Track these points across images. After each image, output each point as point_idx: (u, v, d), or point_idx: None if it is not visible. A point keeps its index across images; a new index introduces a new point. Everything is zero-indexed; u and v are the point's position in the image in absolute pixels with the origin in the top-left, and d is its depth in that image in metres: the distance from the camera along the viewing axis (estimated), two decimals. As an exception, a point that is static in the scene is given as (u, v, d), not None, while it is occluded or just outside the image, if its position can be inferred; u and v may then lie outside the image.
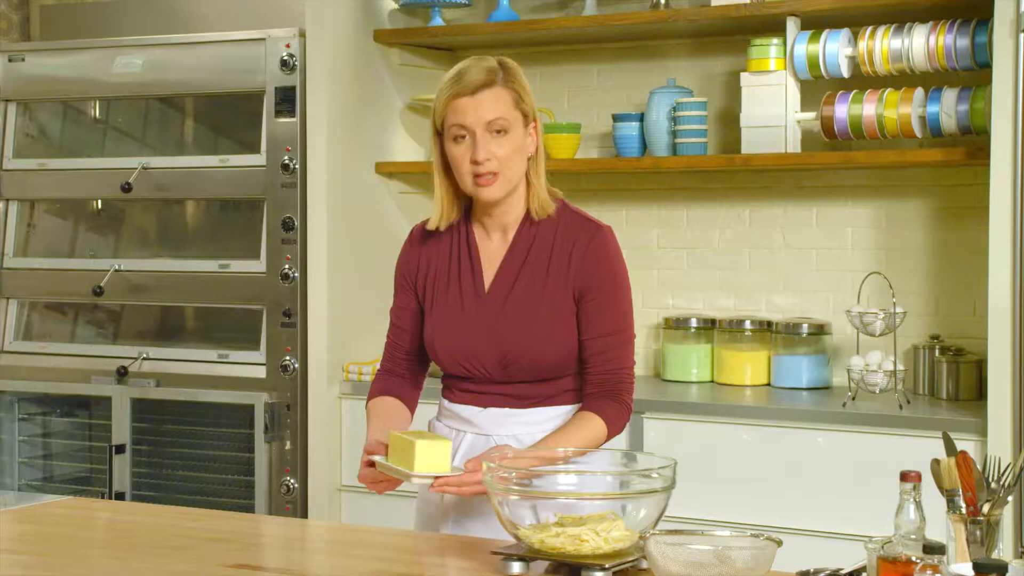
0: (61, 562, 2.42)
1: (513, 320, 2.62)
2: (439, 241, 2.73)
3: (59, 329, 4.86)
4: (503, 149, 2.57)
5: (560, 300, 2.62)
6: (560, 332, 2.62)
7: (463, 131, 2.57)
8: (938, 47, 3.72)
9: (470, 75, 2.57)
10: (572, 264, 2.62)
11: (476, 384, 2.67)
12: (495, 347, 2.63)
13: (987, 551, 2.04)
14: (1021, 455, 2.17)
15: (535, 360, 2.61)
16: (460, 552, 2.42)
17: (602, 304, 2.62)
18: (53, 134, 4.93)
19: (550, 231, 2.66)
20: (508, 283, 2.65)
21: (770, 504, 3.66)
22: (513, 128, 2.58)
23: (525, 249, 2.66)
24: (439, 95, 2.60)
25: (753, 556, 2.14)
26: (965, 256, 3.99)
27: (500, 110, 2.56)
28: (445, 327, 2.67)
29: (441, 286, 2.69)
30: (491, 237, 2.69)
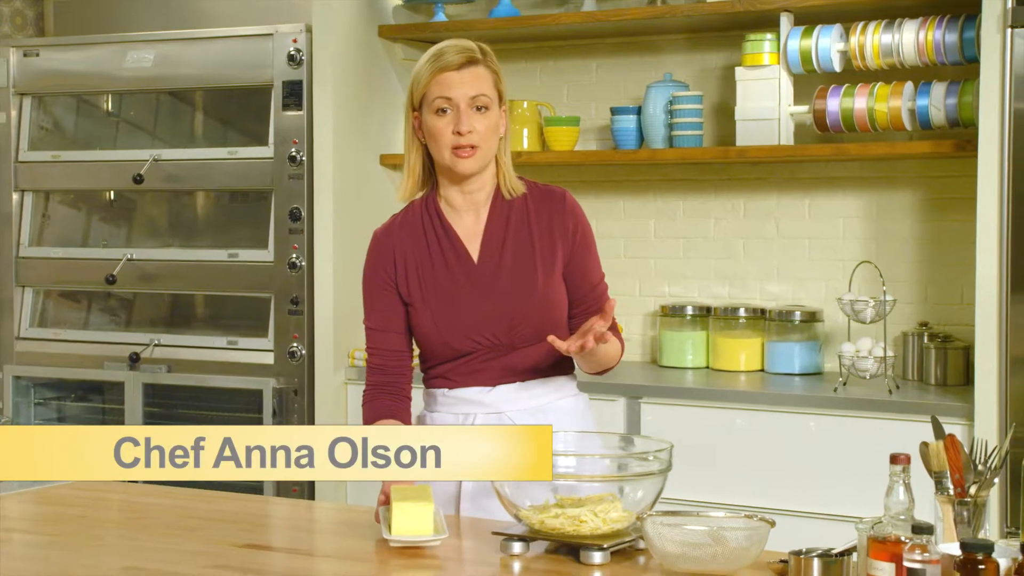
0: (75, 542, 2.42)
1: (512, 284, 2.63)
2: (409, 234, 2.70)
3: (73, 316, 4.87)
4: (483, 124, 2.59)
5: (550, 261, 2.64)
6: (555, 292, 2.64)
7: (447, 104, 2.58)
8: (927, 42, 3.72)
9: (454, 52, 2.60)
10: (555, 231, 2.65)
11: (480, 361, 2.65)
12: (500, 311, 2.62)
13: (974, 531, 2.04)
14: (1007, 438, 2.18)
15: (540, 318, 2.61)
16: (462, 533, 2.42)
17: (587, 259, 2.69)
18: (67, 127, 4.92)
19: (522, 203, 2.68)
20: (496, 252, 2.65)
21: (764, 486, 3.66)
22: (492, 106, 2.61)
23: (503, 220, 2.66)
24: (420, 71, 2.62)
25: (747, 536, 2.14)
26: (953, 245, 3.99)
27: (483, 87, 2.59)
28: (445, 304, 2.65)
29: (427, 271, 2.67)
30: (464, 217, 2.68)
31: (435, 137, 2.61)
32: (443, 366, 2.70)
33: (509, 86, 4.61)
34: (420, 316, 2.67)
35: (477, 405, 2.67)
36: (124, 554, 2.35)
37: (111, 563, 2.28)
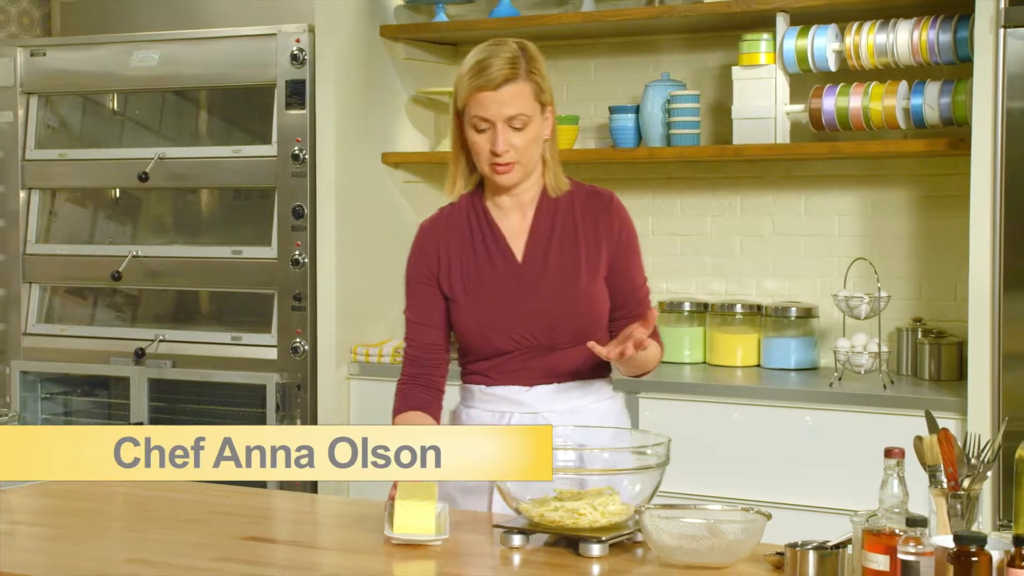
0: (80, 535, 2.42)
1: (555, 284, 2.60)
2: (454, 229, 2.67)
3: (79, 312, 4.87)
4: (522, 140, 2.54)
5: (594, 263, 2.62)
6: (598, 293, 2.62)
7: (484, 123, 2.54)
8: (921, 42, 3.71)
9: (493, 69, 2.52)
10: (601, 233, 2.63)
11: (519, 360, 2.61)
12: (541, 311, 2.59)
13: (967, 524, 2.04)
14: (999, 432, 2.17)
15: (582, 320, 2.59)
16: (463, 525, 2.42)
17: (631, 262, 2.67)
18: (73, 126, 4.92)
19: (568, 203, 2.65)
20: (541, 251, 2.62)
21: (760, 480, 3.66)
22: (532, 121, 2.55)
23: (550, 220, 2.63)
24: (461, 81, 2.55)
25: (744, 529, 2.14)
26: (947, 242, 3.98)
27: (521, 105, 2.53)
28: (486, 302, 2.61)
29: (470, 267, 2.63)
30: (510, 216, 2.65)
31: (474, 151, 2.58)
32: (482, 363, 2.66)
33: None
34: (461, 312, 2.64)
35: (514, 404, 2.63)
36: (129, 546, 2.35)
37: (116, 555, 2.28)
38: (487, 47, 2.56)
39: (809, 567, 2.05)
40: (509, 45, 2.56)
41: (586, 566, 2.17)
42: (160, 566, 2.20)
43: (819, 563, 2.05)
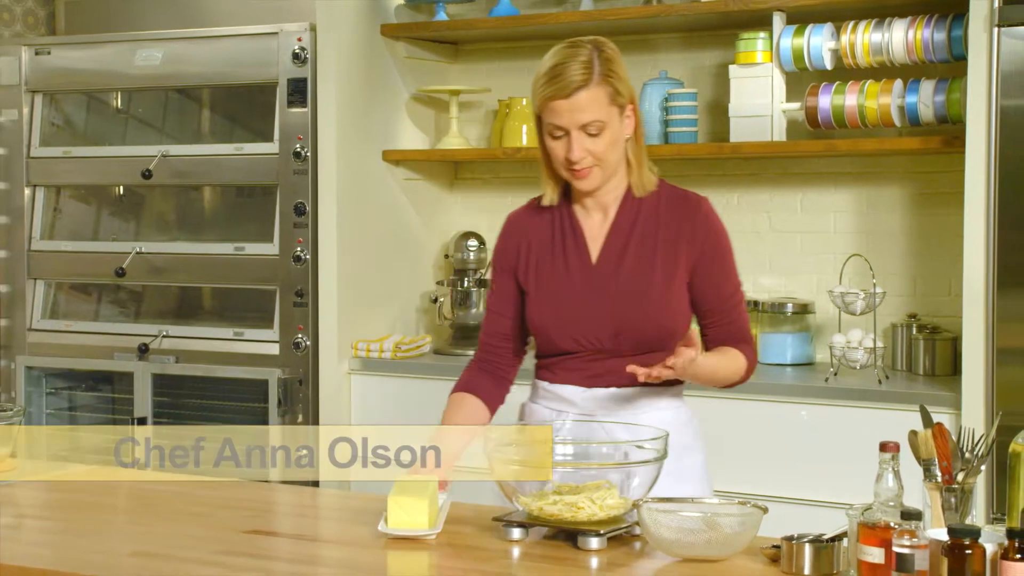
0: (85, 528, 2.43)
1: (624, 289, 2.52)
2: (538, 223, 2.62)
3: (84, 308, 4.86)
4: (599, 146, 2.47)
5: (671, 269, 2.53)
6: (672, 300, 2.53)
7: (559, 130, 2.47)
8: (916, 40, 3.71)
9: (566, 75, 2.44)
10: (683, 236, 2.54)
11: (582, 361, 2.55)
12: (608, 316, 2.52)
13: (961, 517, 2.04)
14: (993, 427, 2.18)
15: (648, 327, 2.51)
16: (464, 519, 2.42)
17: (717, 272, 2.56)
18: (77, 123, 4.92)
19: (653, 205, 2.56)
20: (617, 254, 2.54)
21: (756, 473, 3.66)
22: (609, 124, 2.47)
23: (630, 222, 2.56)
24: (535, 87, 2.49)
25: (740, 522, 2.14)
26: (941, 239, 3.98)
27: (595, 112, 2.45)
28: (553, 301, 2.56)
29: (545, 263, 2.59)
30: (592, 215, 2.59)
31: (552, 157, 2.52)
32: (548, 359, 2.61)
33: (507, 84, 4.64)
34: (531, 306, 2.59)
35: (571, 404, 2.57)
36: (133, 539, 2.35)
37: (120, 548, 2.28)
38: (562, 50, 2.49)
39: (805, 560, 2.06)
40: (584, 48, 2.48)
41: (585, 559, 2.17)
42: (164, 559, 2.20)
43: (815, 556, 2.05)
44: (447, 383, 4.10)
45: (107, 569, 2.14)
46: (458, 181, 4.76)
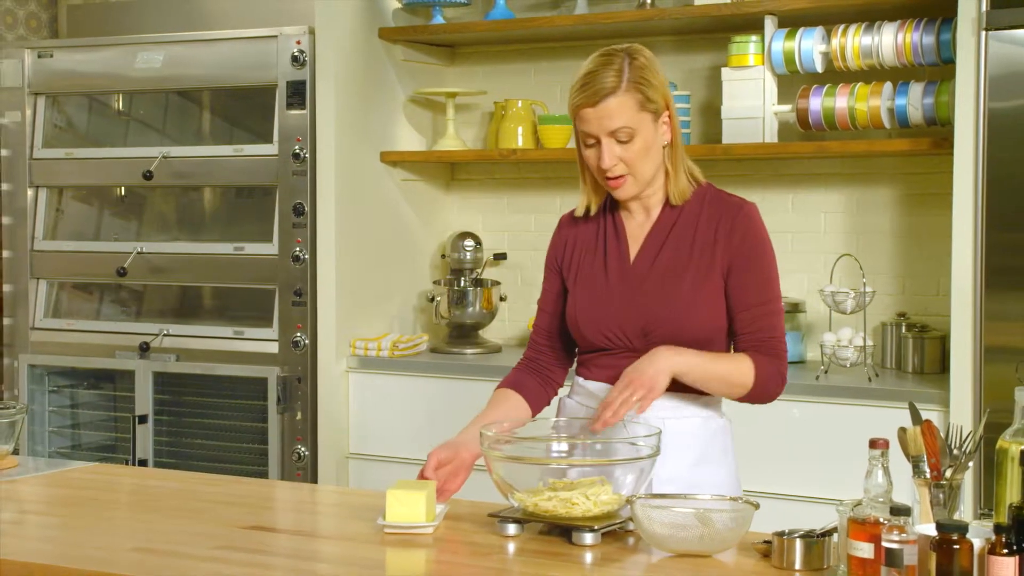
0: (88, 523, 2.42)
1: (656, 288, 2.50)
2: (587, 224, 2.61)
3: (86, 307, 4.86)
4: (630, 153, 2.44)
5: (705, 271, 2.49)
6: (703, 302, 2.48)
7: (590, 139, 2.46)
8: (905, 44, 3.72)
9: (595, 83, 2.42)
10: (719, 239, 2.49)
11: (614, 359, 2.52)
12: (637, 315, 2.50)
13: (949, 513, 2.04)
14: (981, 424, 2.18)
15: (676, 328, 2.47)
16: (460, 514, 2.42)
17: (749, 277, 2.49)
18: (80, 125, 4.91)
19: (695, 208, 2.53)
20: (652, 254, 2.53)
21: (748, 470, 3.64)
22: (640, 131, 2.44)
23: (670, 224, 2.53)
24: (570, 95, 2.48)
25: (732, 518, 2.14)
26: (930, 239, 3.99)
27: (624, 119, 2.42)
28: (588, 297, 2.55)
29: (587, 262, 2.58)
30: (636, 216, 2.57)
31: (588, 164, 2.51)
32: (586, 355, 2.60)
33: (503, 87, 4.64)
34: (569, 302, 2.59)
35: (599, 401, 2.50)
36: (134, 535, 2.35)
37: (121, 544, 2.28)
38: (596, 58, 2.47)
39: (796, 555, 2.06)
40: (617, 56, 2.45)
41: (579, 554, 2.17)
42: (165, 554, 2.20)
43: (806, 551, 2.05)
44: (444, 381, 4.14)
45: (108, 564, 2.13)
46: (455, 182, 4.76)
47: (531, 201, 4.62)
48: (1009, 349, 3.35)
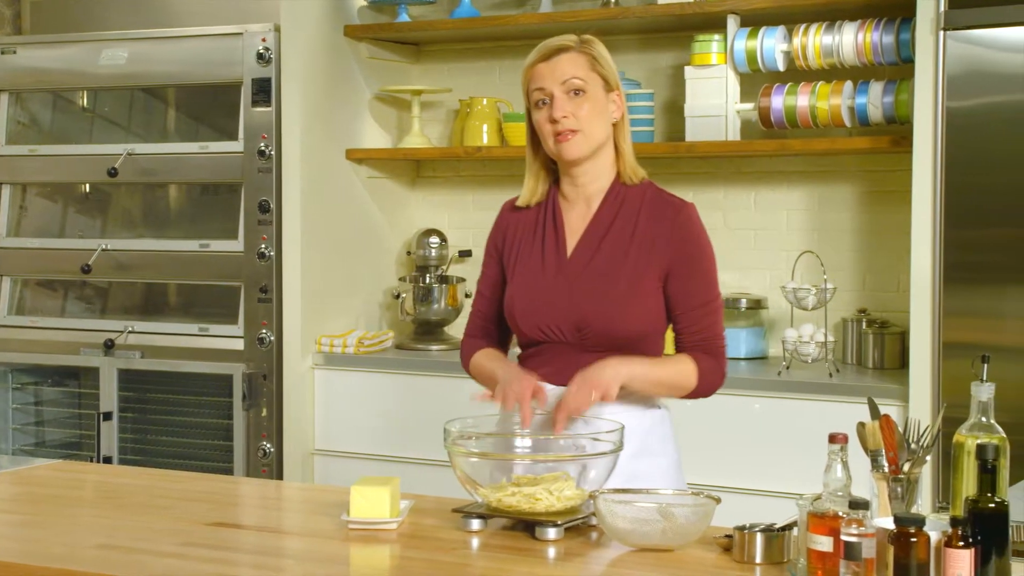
0: (51, 521, 2.40)
1: (591, 284, 2.51)
2: (527, 213, 2.64)
3: (50, 304, 4.82)
4: (581, 109, 2.50)
5: (642, 270, 2.50)
6: (638, 302, 2.50)
7: (543, 94, 2.52)
8: (866, 43, 3.74)
9: (547, 44, 2.55)
10: (659, 240, 2.51)
11: (551, 354, 2.53)
12: (572, 311, 2.51)
13: (907, 506, 2.06)
14: (938, 418, 2.19)
15: (609, 325, 2.48)
16: (424, 510, 2.42)
17: (690, 277, 2.52)
18: (44, 122, 4.87)
19: (635, 204, 2.55)
20: (590, 250, 2.54)
21: (710, 465, 3.67)
22: (590, 88, 2.51)
23: (609, 219, 2.55)
24: (524, 69, 2.57)
25: (694, 512, 2.15)
26: (890, 236, 4.01)
27: (574, 71, 2.50)
28: (524, 290, 2.57)
29: (524, 252, 2.60)
30: (575, 208, 2.59)
31: (539, 130, 2.55)
32: (525, 350, 2.61)
33: (468, 85, 4.63)
34: (507, 293, 2.61)
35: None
36: (98, 532, 2.33)
37: (85, 541, 2.27)
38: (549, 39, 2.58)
39: (757, 549, 2.07)
40: (567, 35, 2.59)
41: (542, 549, 2.17)
42: (128, 551, 2.19)
43: (766, 545, 2.07)
44: (409, 377, 4.14)
45: (71, 561, 2.12)
46: (420, 179, 4.75)
47: (496, 198, 4.56)
48: (967, 345, 3.37)
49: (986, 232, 3.38)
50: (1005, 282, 3.37)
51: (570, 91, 2.50)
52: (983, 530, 1.84)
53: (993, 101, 3.35)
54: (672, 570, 2.05)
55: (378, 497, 2.29)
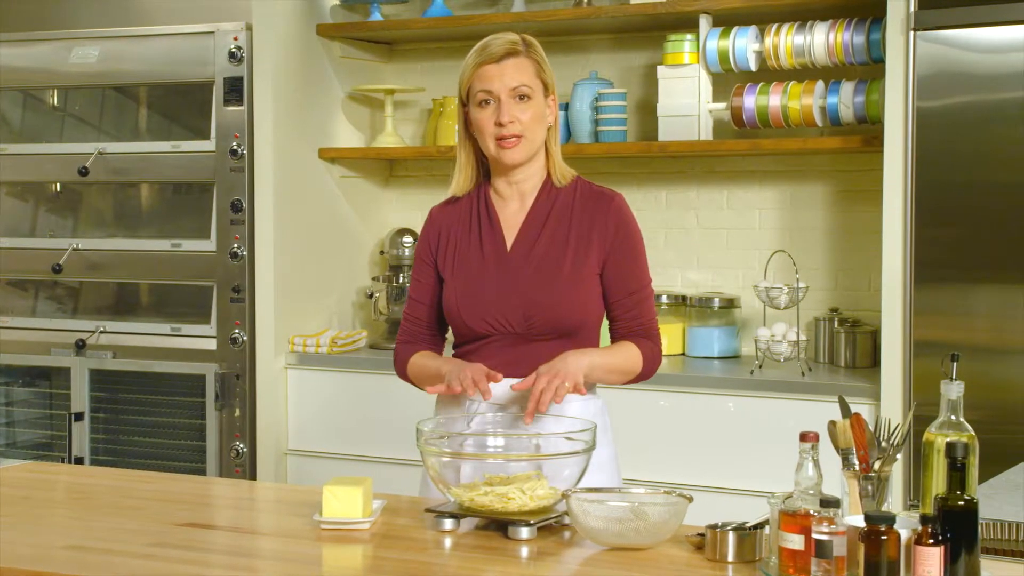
0: (20, 522, 2.39)
1: (536, 274, 2.55)
2: (457, 211, 2.66)
3: (21, 304, 4.79)
4: (526, 114, 2.53)
5: (582, 259, 2.56)
6: (581, 288, 2.56)
7: (489, 96, 2.53)
8: (837, 43, 3.75)
9: (495, 45, 2.55)
10: (595, 230, 2.58)
11: (495, 347, 2.56)
12: (519, 300, 2.54)
13: (878, 504, 2.06)
14: (909, 416, 2.20)
15: (556, 313, 2.52)
16: (397, 509, 2.41)
17: (626, 265, 2.59)
18: (13, 121, 4.84)
19: (568, 198, 2.61)
20: (530, 242, 2.58)
21: (683, 463, 3.69)
22: (535, 95, 2.55)
23: (545, 213, 2.60)
24: (465, 65, 2.57)
25: (667, 511, 2.15)
26: (861, 235, 4.03)
27: (524, 78, 2.53)
28: (467, 285, 2.59)
29: (462, 250, 2.62)
30: (509, 204, 2.63)
31: (480, 129, 2.56)
32: (464, 347, 2.63)
33: (441, 84, 4.63)
34: (446, 291, 2.62)
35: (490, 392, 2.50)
36: (68, 533, 2.32)
37: (55, 542, 2.25)
38: (488, 37, 2.59)
39: (729, 547, 2.07)
40: (508, 34, 2.59)
41: (515, 548, 2.17)
42: (98, 552, 2.18)
43: (738, 543, 2.07)
44: (383, 377, 4.13)
45: (40, 562, 2.10)
46: (393, 178, 4.75)
47: (469, 198, 4.60)
48: (937, 343, 3.39)
49: (956, 231, 3.41)
50: (975, 281, 3.39)
51: (516, 96, 2.54)
52: (953, 528, 1.85)
53: (963, 101, 3.37)
54: (644, 569, 2.06)
55: (350, 497, 2.28)
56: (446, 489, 2.29)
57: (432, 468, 2.29)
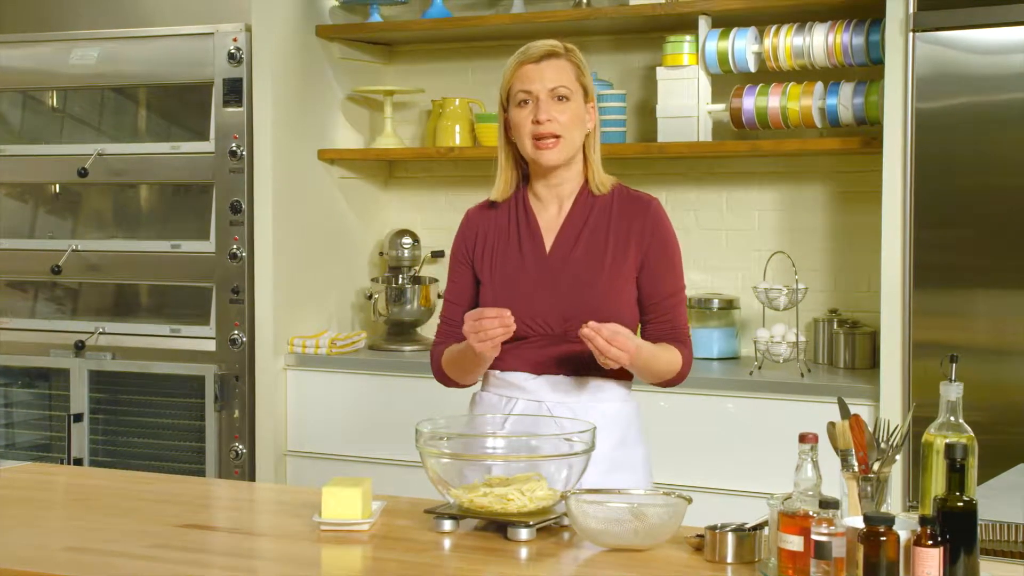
0: (19, 524, 2.39)
1: (575, 276, 2.56)
2: (495, 215, 2.66)
3: (20, 305, 4.79)
4: (564, 115, 2.54)
5: (619, 262, 2.57)
6: (619, 291, 2.56)
7: (527, 96, 2.54)
8: (836, 45, 3.76)
9: (536, 47, 2.57)
10: (632, 233, 2.58)
11: (532, 348, 2.57)
12: (558, 302, 2.55)
13: (877, 505, 2.06)
14: (908, 418, 2.21)
15: (596, 314, 2.50)
16: (396, 511, 2.41)
17: (662, 269, 2.60)
18: (13, 122, 4.84)
19: (606, 202, 2.61)
20: (569, 245, 2.59)
21: (682, 464, 3.68)
22: (574, 98, 2.55)
23: (583, 216, 2.60)
24: (506, 68, 2.58)
25: (666, 513, 2.16)
26: (860, 236, 4.03)
27: (563, 79, 2.54)
28: (507, 287, 2.59)
29: (500, 253, 2.62)
30: (548, 208, 2.63)
31: (517, 128, 2.57)
32: (501, 347, 2.57)
33: (440, 85, 4.63)
34: (485, 293, 2.62)
35: (520, 390, 2.58)
36: (67, 535, 2.32)
37: (54, 543, 2.25)
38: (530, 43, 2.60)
39: (728, 548, 2.07)
40: (551, 39, 2.61)
41: (514, 549, 2.17)
42: (98, 553, 2.18)
43: (737, 544, 2.07)
44: (382, 378, 4.13)
45: (40, 564, 2.11)
46: (392, 180, 4.75)
47: (469, 199, 4.56)
48: (937, 344, 3.39)
49: (955, 232, 3.41)
50: (974, 282, 3.39)
51: (555, 97, 2.54)
52: (952, 529, 1.85)
53: (962, 102, 3.37)
54: (644, 570, 2.06)
55: (350, 498, 2.29)
56: (445, 490, 2.29)
57: (431, 469, 2.29)
